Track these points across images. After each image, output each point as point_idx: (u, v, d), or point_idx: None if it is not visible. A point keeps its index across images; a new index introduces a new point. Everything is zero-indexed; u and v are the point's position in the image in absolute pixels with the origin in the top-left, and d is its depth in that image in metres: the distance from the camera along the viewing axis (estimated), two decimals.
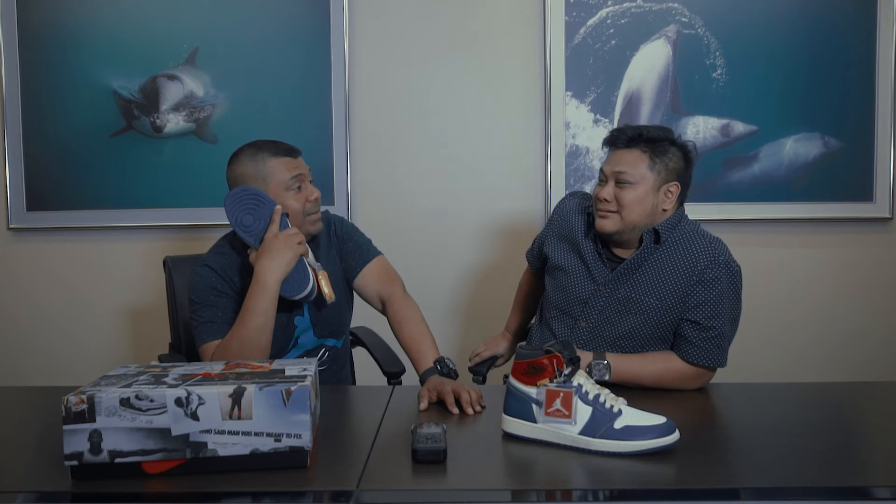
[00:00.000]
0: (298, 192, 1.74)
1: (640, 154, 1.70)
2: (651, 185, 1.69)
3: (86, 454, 1.10)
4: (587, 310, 1.77)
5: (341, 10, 2.62)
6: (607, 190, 1.71)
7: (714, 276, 1.66)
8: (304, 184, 1.75)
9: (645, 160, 1.69)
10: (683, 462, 1.19)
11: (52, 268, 2.75)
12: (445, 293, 2.73)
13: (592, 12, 2.63)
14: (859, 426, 1.50)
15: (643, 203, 1.69)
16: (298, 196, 1.74)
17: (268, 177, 1.73)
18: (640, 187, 1.69)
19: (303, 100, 2.65)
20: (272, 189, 1.73)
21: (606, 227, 1.71)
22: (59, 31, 2.64)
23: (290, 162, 1.75)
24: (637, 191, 1.69)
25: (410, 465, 1.18)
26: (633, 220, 1.70)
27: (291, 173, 1.73)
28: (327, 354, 1.87)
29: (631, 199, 1.68)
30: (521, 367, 1.30)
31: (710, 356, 1.66)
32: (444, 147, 2.70)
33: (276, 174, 1.73)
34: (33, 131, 2.67)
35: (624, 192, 1.69)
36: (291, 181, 1.73)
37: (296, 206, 1.73)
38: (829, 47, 2.61)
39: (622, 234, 1.72)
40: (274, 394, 1.13)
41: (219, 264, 1.74)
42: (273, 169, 1.73)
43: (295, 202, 1.73)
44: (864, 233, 2.70)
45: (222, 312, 1.69)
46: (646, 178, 1.69)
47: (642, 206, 1.69)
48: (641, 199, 1.69)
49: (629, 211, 1.69)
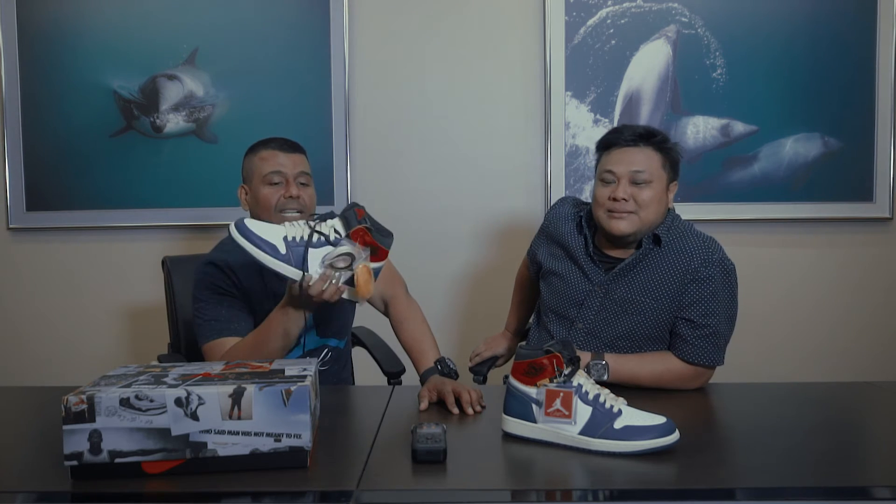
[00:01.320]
0: (275, 186, 1.73)
1: (653, 152, 1.69)
2: (664, 183, 1.69)
3: (86, 454, 1.10)
4: (583, 311, 1.77)
5: (341, 10, 2.62)
6: (623, 189, 1.67)
7: (708, 275, 1.66)
8: (286, 181, 1.73)
9: (658, 158, 1.69)
10: (683, 462, 1.19)
11: (51, 268, 2.75)
12: (445, 293, 2.73)
13: (592, 12, 2.63)
14: (859, 426, 1.50)
15: (660, 202, 1.68)
16: (274, 189, 1.73)
17: (252, 170, 1.75)
18: (656, 185, 1.68)
19: (303, 100, 2.65)
20: (254, 182, 1.74)
21: (623, 228, 1.68)
22: (59, 31, 2.64)
23: (274, 156, 1.74)
24: (654, 189, 1.67)
25: (410, 465, 1.18)
26: (651, 220, 1.68)
27: (271, 168, 1.73)
28: (330, 355, 1.87)
29: (649, 198, 1.66)
30: (521, 367, 1.30)
31: (706, 354, 1.66)
32: (443, 147, 2.70)
33: (258, 167, 1.75)
34: (33, 131, 2.67)
35: (642, 192, 1.66)
36: (270, 175, 1.72)
37: (269, 198, 1.72)
38: (829, 47, 2.61)
39: (637, 235, 1.70)
40: (274, 394, 1.13)
41: (224, 262, 1.73)
42: (258, 162, 1.75)
43: (270, 195, 1.72)
44: (864, 233, 2.70)
45: (226, 310, 1.68)
46: (661, 176, 1.69)
47: (659, 206, 1.68)
48: (658, 198, 1.68)
49: (647, 210, 1.67)
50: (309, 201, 1.76)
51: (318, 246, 1.43)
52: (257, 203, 1.75)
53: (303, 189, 1.75)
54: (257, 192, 1.74)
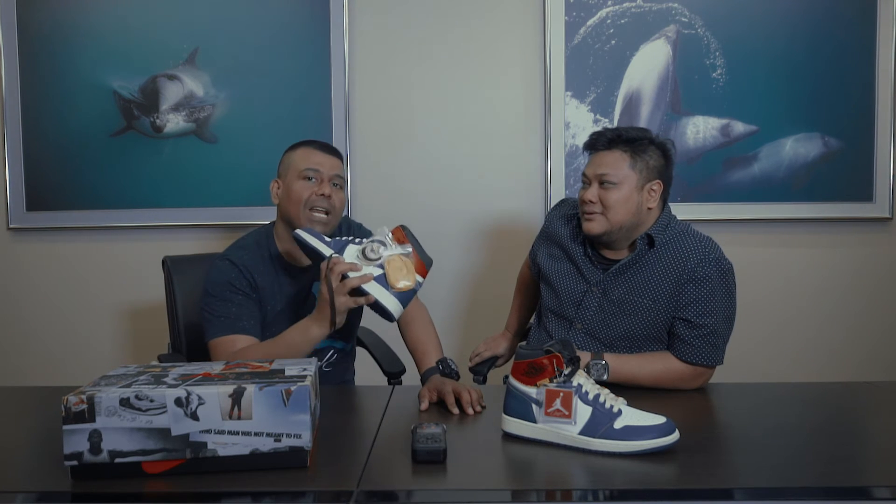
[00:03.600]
0: (309, 182, 1.74)
1: (621, 154, 1.72)
2: (634, 184, 1.71)
3: (86, 454, 1.10)
4: (581, 311, 1.78)
5: (341, 10, 2.62)
6: (591, 192, 1.73)
7: (704, 274, 1.67)
8: (320, 179, 1.74)
9: (626, 160, 1.71)
10: (683, 462, 1.19)
11: (51, 268, 2.75)
12: (445, 293, 2.73)
13: (592, 12, 2.63)
14: (859, 426, 1.50)
15: (628, 203, 1.70)
16: (308, 185, 1.73)
17: (290, 165, 1.77)
18: (624, 187, 1.70)
19: (303, 100, 2.65)
20: (289, 176, 1.75)
21: (593, 228, 1.73)
22: (59, 31, 2.64)
23: (314, 154, 1.76)
24: (621, 191, 1.70)
25: (410, 465, 1.18)
26: (620, 221, 1.71)
27: (308, 164, 1.74)
28: (336, 356, 1.87)
29: (615, 200, 1.70)
30: (521, 367, 1.30)
31: (704, 354, 1.66)
32: (443, 147, 2.70)
33: (295, 162, 1.76)
34: (33, 131, 2.67)
35: (608, 194, 1.70)
36: (306, 170, 1.73)
37: (301, 192, 1.72)
38: (829, 47, 2.61)
39: (610, 235, 1.74)
40: (274, 394, 1.13)
41: (240, 260, 1.73)
42: (296, 158, 1.77)
43: (302, 189, 1.73)
44: (864, 233, 2.70)
45: (236, 309, 1.68)
46: (628, 177, 1.71)
47: (627, 206, 1.70)
48: (626, 199, 1.70)
49: (614, 212, 1.70)
50: (339, 204, 1.76)
51: (358, 244, 1.52)
52: (288, 196, 1.75)
53: (335, 191, 1.75)
54: (290, 186, 1.74)
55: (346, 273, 1.47)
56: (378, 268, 1.47)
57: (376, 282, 1.47)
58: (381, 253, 1.47)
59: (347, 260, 1.49)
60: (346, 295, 1.47)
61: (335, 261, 1.48)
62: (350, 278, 1.46)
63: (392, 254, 1.48)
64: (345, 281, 1.46)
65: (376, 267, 1.47)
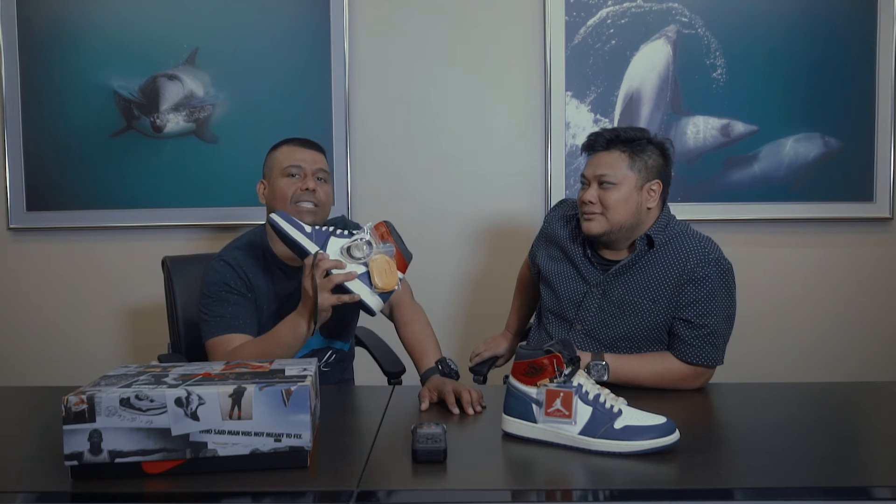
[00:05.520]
0: (293, 179, 1.74)
1: (620, 154, 1.72)
2: (633, 184, 1.71)
3: (86, 454, 1.10)
4: (581, 312, 1.78)
5: (341, 10, 2.62)
6: (590, 192, 1.73)
7: (704, 274, 1.67)
8: (303, 175, 1.74)
9: (625, 160, 1.71)
10: (683, 462, 1.19)
11: (51, 268, 2.75)
12: (445, 293, 2.73)
13: (592, 12, 2.63)
14: (859, 426, 1.50)
15: (627, 203, 1.71)
16: (292, 182, 1.74)
17: (273, 164, 1.78)
18: (623, 187, 1.71)
19: (303, 100, 2.65)
20: (273, 175, 1.76)
21: (593, 229, 1.73)
22: (59, 31, 2.64)
23: (294, 150, 1.77)
24: (620, 191, 1.70)
25: (410, 465, 1.18)
26: (619, 221, 1.71)
27: (290, 161, 1.75)
28: (334, 357, 1.87)
29: (615, 200, 1.70)
30: (522, 367, 1.30)
31: (704, 354, 1.66)
32: (443, 147, 2.70)
33: (278, 160, 1.77)
34: (33, 131, 2.67)
35: (608, 194, 1.71)
36: (288, 167, 1.74)
37: (286, 190, 1.73)
38: (829, 47, 2.61)
39: (609, 236, 1.74)
40: (274, 394, 1.13)
41: (235, 260, 1.74)
42: (278, 156, 1.78)
43: (286, 186, 1.73)
44: (864, 233, 2.70)
45: (232, 308, 1.69)
46: (627, 177, 1.71)
47: (626, 206, 1.71)
48: (625, 199, 1.71)
49: (614, 212, 1.71)
50: (325, 198, 1.76)
51: (340, 237, 1.51)
52: (274, 195, 1.75)
53: (320, 185, 1.75)
54: (275, 184, 1.75)
55: (331, 270, 1.47)
56: (362, 265, 1.49)
57: (360, 280, 1.48)
58: (366, 252, 1.49)
59: (331, 254, 1.49)
60: (328, 292, 1.48)
61: (321, 257, 1.48)
62: (334, 275, 1.47)
63: (376, 253, 1.50)
64: (329, 277, 1.47)
65: (360, 265, 1.49)
